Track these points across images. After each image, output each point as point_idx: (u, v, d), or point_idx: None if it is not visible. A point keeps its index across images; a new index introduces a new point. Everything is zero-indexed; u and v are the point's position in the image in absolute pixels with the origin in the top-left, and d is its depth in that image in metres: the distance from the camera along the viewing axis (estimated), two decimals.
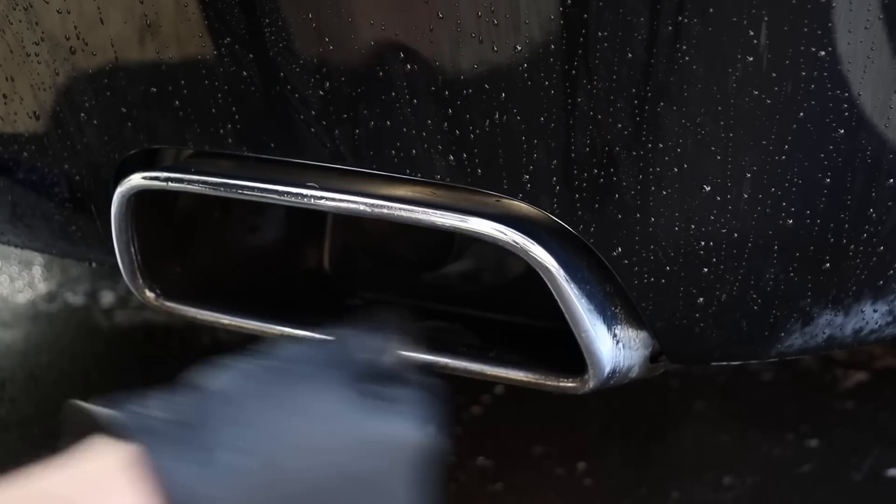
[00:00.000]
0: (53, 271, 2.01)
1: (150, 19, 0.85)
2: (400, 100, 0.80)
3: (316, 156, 0.85)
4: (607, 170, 0.78)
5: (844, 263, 0.83)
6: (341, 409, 0.75)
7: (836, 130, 0.76)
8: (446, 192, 0.83)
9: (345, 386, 0.77)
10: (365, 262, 1.14)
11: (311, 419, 0.74)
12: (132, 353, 1.72)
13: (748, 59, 0.73)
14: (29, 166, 1.00)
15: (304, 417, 0.74)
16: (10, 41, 0.92)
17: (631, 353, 0.86)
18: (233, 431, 0.70)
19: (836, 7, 0.72)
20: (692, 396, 1.50)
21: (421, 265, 1.10)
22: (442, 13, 0.76)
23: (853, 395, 1.51)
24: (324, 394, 0.76)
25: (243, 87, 0.84)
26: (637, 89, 0.74)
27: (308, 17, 0.80)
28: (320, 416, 0.74)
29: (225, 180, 0.88)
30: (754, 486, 1.30)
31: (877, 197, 0.80)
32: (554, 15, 0.74)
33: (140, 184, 0.91)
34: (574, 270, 0.81)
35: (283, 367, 0.78)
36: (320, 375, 0.78)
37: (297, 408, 0.74)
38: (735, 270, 0.81)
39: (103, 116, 0.92)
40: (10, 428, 1.47)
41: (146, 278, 0.98)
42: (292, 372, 0.78)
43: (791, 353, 0.88)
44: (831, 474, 1.32)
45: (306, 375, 0.77)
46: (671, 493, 1.28)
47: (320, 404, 0.75)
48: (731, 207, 0.78)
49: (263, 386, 0.75)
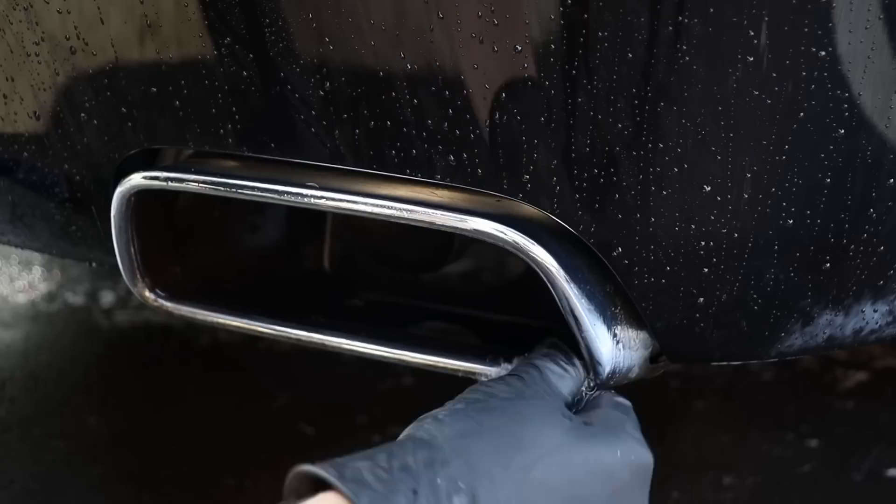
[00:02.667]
0: (53, 271, 2.01)
1: (150, 19, 0.85)
2: (400, 100, 0.80)
3: (316, 156, 0.85)
4: (607, 170, 0.78)
5: (844, 263, 0.83)
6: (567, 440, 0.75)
7: (836, 130, 0.76)
8: (446, 192, 0.83)
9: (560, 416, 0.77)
10: (365, 263, 1.14)
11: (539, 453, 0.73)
12: (132, 353, 1.73)
13: (748, 59, 0.73)
14: (29, 166, 1.00)
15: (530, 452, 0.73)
16: (10, 41, 0.92)
17: (631, 354, 0.86)
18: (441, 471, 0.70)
19: (836, 7, 0.72)
20: (692, 396, 1.50)
21: (421, 265, 1.10)
22: (442, 13, 0.76)
23: (853, 395, 1.51)
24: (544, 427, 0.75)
25: (243, 87, 0.84)
26: (637, 89, 0.74)
27: (308, 17, 0.80)
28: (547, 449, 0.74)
29: (225, 180, 0.88)
30: (754, 486, 1.30)
31: (877, 197, 0.80)
32: (554, 15, 0.74)
33: (140, 183, 0.91)
34: (574, 270, 0.81)
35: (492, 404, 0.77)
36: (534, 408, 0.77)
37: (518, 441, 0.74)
38: (735, 270, 0.81)
39: (103, 116, 0.92)
40: (11, 428, 1.47)
41: (146, 278, 0.98)
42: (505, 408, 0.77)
43: (791, 353, 0.88)
44: (831, 474, 1.33)
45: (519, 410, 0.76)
46: (671, 493, 1.29)
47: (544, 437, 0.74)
48: (731, 207, 0.78)
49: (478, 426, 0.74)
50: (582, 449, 0.75)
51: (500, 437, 0.73)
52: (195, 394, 1.55)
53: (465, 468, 0.70)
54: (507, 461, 0.72)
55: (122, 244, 0.95)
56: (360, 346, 0.94)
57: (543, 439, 0.74)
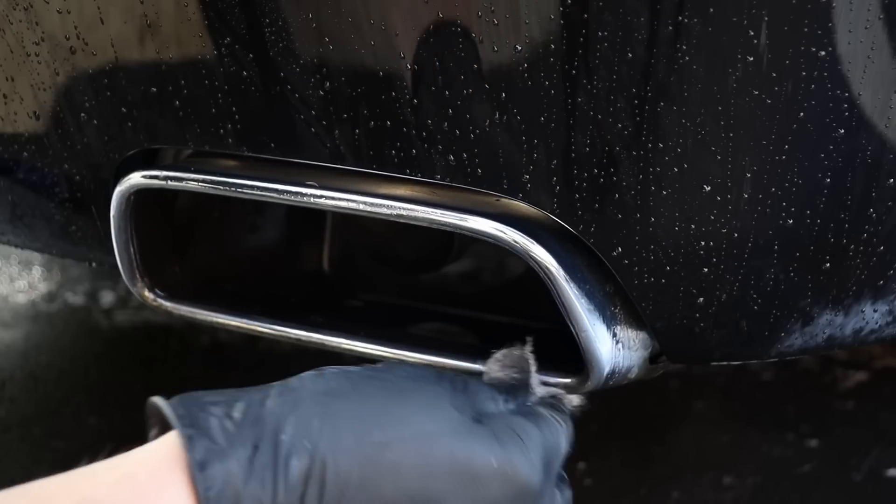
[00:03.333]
0: (53, 271, 2.01)
1: (150, 19, 0.85)
2: (400, 100, 0.80)
3: (316, 156, 0.85)
4: (607, 170, 0.78)
5: (844, 263, 0.83)
6: (439, 430, 0.69)
7: (836, 130, 0.76)
8: (446, 191, 0.83)
9: (446, 405, 0.71)
10: (365, 263, 1.14)
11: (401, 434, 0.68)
12: (132, 353, 1.72)
13: (748, 59, 0.73)
14: (29, 166, 1.00)
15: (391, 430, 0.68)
16: (10, 41, 0.92)
17: (630, 354, 0.86)
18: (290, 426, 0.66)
19: (836, 7, 0.72)
20: (692, 396, 1.50)
21: (420, 265, 1.10)
22: (442, 13, 0.76)
23: (853, 395, 1.51)
24: (420, 410, 0.70)
25: (243, 87, 0.84)
26: (637, 89, 0.74)
27: (308, 17, 0.80)
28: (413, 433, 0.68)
29: (224, 179, 0.88)
30: (754, 486, 1.30)
31: (877, 197, 0.80)
32: (554, 15, 0.74)
33: (139, 182, 0.91)
34: (574, 270, 0.81)
35: (382, 377, 0.72)
36: (419, 391, 0.72)
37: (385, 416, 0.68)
38: (735, 270, 0.81)
39: (103, 116, 0.92)
40: (11, 428, 1.47)
41: (145, 278, 0.98)
42: (391, 382, 0.72)
43: (791, 353, 0.88)
44: (831, 474, 1.32)
45: (408, 388, 0.71)
46: (671, 493, 1.28)
47: (414, 420, 0.69)
48: (731, 207, 0.78)
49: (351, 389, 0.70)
50: (452, 444, 0.68)
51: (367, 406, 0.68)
52: None
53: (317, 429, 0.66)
54: (364, 433, 0.66)
55: (121, 244, 0.95)
56: (360, 346, 0.94)
57: (413, 422, 0.68)
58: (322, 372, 0.73)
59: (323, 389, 0.70)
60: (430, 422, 0.69)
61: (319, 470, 0.66)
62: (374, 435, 0.67)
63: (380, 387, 0.71)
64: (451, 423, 0.70)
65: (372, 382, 0.71)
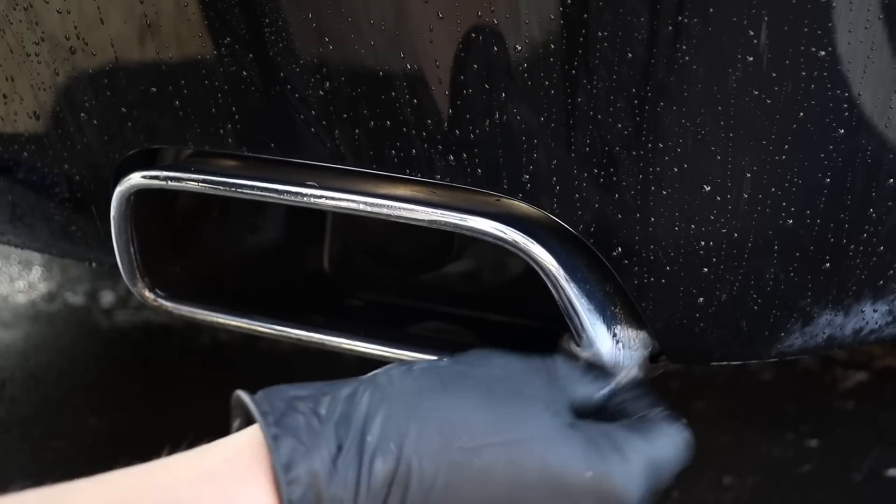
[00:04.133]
0: (53, 271, 2.01)
1: (150, 19, 0.85)
2: (400, 100, 0.80)
3: (316, 156, 0.85)
4: (607, 170, 0.78)
5: (844, 263, 0.83)
6: (534, 437, 0.65)
7: (836, 130, 0.76)
8: (446, 191, 0.83)
9: (541, 408, 0.67)
10: (364, 263, 1.14)
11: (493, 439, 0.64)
12: (132, 353, 1.72)
13: (748, 59, 0.73)
14: (29, 166, 1.00)
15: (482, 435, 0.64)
16: (10, 41, 0.92)
17: (631, 353, 0.86)
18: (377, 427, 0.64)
19: (836, 7, 0.72)
20: (692, 396, 1.50)
21: (420, 265, 1.10)
22: (442, 13, 0.76)
23: (853, 395, 1.51)
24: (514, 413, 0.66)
25: (243, 87, 0.84)
26: (637, 89, 0.74)
27: (308, 17, 0.80)
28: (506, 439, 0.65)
29: (224, 179, 0.88)
30: (754, 486, 1.30)
31: (877, 197, 0.80)
32: (554, 15, 0.74)
33: (139, 183, 0.91)
34: (574, 270, 0.81)
35: (474, 375, 0.68)
36: (513, 391, 0.68)
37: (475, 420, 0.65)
38: (735, 270, 0.81)
39: (103, 116, 0.92)
40: (11, 428, 1.47)
41: (145, 278, 0.98)
42: (483, 381, 0.68)
43: (791, 353, 0.88)
44: (831, 474, 1.32)
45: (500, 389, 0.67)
46: (671, 493, 1.28)
47: (509, 423, 0.65)
48: (731, 207, 0.78)
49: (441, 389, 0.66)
50: (545, 452, 0.65)
51: (457, 408, 0.65)
52: (195, 393, 1.55)
53: (404, 430, 0.64)
54: (452, 437, 0.64)
55: (121, 244, 0.95)
56: (360, 345, 0.94)
57: (504, 427, 0.65)
58: (411, 368, 0.69)
59: (412, 388, 0.67)
60: (522, 427, 0.66)
61: (404, 473, 0.63)
62: (463, 440, 0.64)
63: (472, 386, 0.68)
64: (544, 429, 0.66)
65: (463, 381, 0.68)
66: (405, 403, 0.65)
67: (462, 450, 0.64)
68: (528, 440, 0.65)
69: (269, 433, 0.64)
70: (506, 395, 0.67)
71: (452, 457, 0.64)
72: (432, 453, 0.64)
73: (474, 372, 0.69)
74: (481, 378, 0.69)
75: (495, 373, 0.69)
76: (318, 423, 0.64)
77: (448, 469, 0.64)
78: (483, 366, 0.70)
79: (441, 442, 0.64)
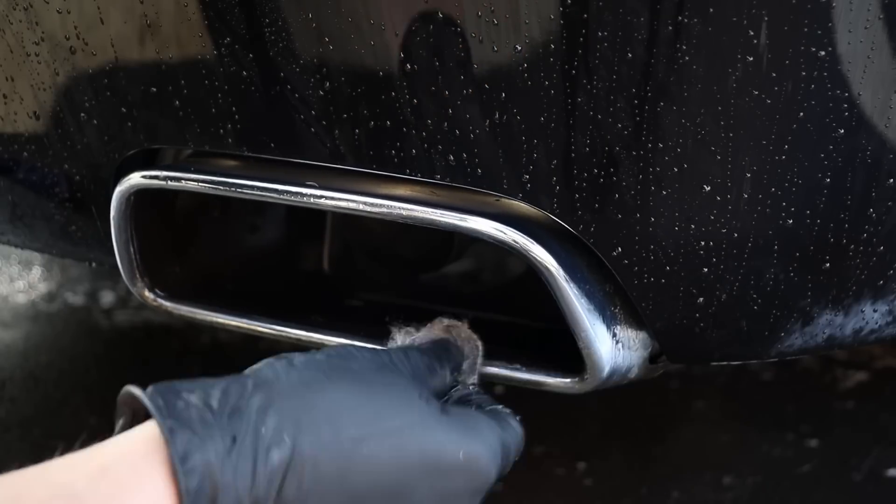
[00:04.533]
0: (53, 271, 2.01)
1: (150, 19, 0.85)
2: (400, 100, 0.80)
3: (316, 156, 0.85)
4: (607, 170, 0.78)
5: (844, 263, 0.83)
6: (412, 422, 0.71)
7: (836, 130, 0.76)
8: (446, 191, 0.83)
9: (416, 397, 0.73)
10: (364, 263, 1.14)
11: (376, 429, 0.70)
12: (132, 353, 1.72)
13: (748, 59, 0.73)
14: (29, 166, 1.00)
15: (367, 426, 0.69)
16: (10, 41, 0.92)
17: (630, 354, 0.86)
18: (270, 420, 0.67)
19: (836, 7, 0.72)
20: (692, 396, 1.50)
21: (420, 265, 1.10)
22: (442, 13, 0.76)
23: (853, 395, 1.51)
24: (392, 403, 0.72)
25: (243, 87, 0.84)
26: (637, 89, 0.74)
27: (308, 17, 0.80)
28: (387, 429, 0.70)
29: (224, 179, 0.88)
30: (754, 486, 1.30)
31: (877, 197, 0.80)
32: (554, 15, 0.74)
33: (139, 183, 0.91)
34: (574, 270, 0.81)
35: (350, 368, 0.73)
36: (390, 382, 0.74)
37: (359, 411, 0.70)
38: (735, 270, 0.81)
39: (103, 116, 0.92)
40: (11, 428, 1.47)
41: (145, 278, 0.98)
42: (360, 374, 0.73)
43: (791, 353, 0.88)
44: (831, 474, 1.32)
45: (377, 381, 0.73)
46: (671, 493, 1.28)
47: (389, 412, 0.71)
48: (731, 207, 0.78)
49: (326, 382, 0.71)
50: (423, 438, 0.71)
51: (344, 399, 0.70)
52: None
53: (297, 422, 0.67)
54: (341, 427, 0.68)
55: (121, 244, 0.95)
56: (361, 345, 0.94)
57: (385, 417, 0.70)
58: (292, 362, 0.73)
59: (299, 381, 0.71)
60: (402, 415, 0.71)
61: (299, 463, 0.67)
62: (351, 430, 0.69)
63: (351, 379, 0.72)
64: (421, 415, 0.72)
65: (343, 374, 0.73)
66: (295, 396, 0.69)
67: (351, 439, 0.69)
68: (408, 427, 0.71)
69: (165, 425, 0.65)
70: (383, 386, 0.73)
71: (342, 445, 0.68)
72: (325, 444, 0.68)
73: (350, 365, 0.74)
74: (358, 371, 0.74)
75: (367, 366, 0.75)
76: (210, 415, 0.67)
77: (338, 457, 0.68)
78: (355, 359, 0.75)
79: (331, 432, 0.68)
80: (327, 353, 0.75)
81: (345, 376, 0.72)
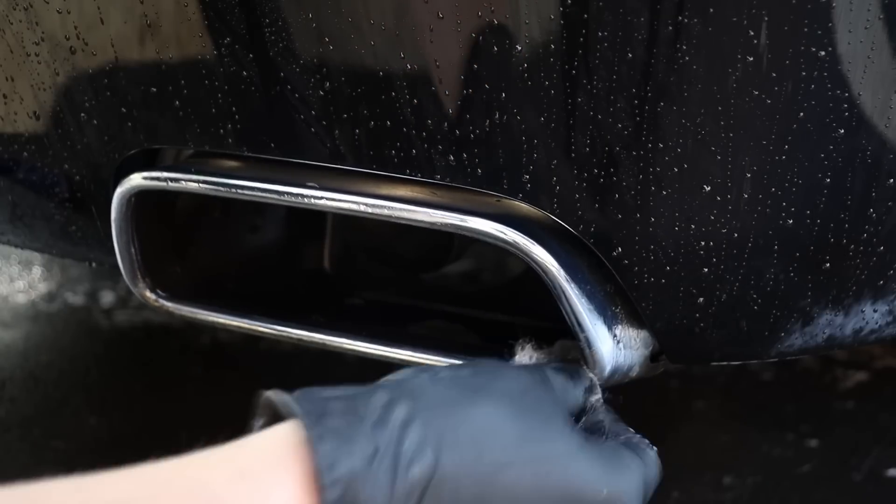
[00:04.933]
0: (53, 271, 2.01)
1: (150, 19, 0.85)
2: (400, 100, 0.80)
3: (316, 156, 0.85)
4: (607, 170, 0.78)
5: (844, 263, 0.83)
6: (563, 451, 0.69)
7: (836, 130, 0.76)
8: (446, 192, 0.83)
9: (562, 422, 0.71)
10: (365, 262, 1.14)
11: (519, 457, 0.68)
12: (132, 353, 1.72)
13: (748, 59, 0.73)
14: (29, 166, 1.00)
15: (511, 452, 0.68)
16: (10, 41, 0.92)
17: (631, 353, 0.86)
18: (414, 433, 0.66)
19: (836, 7, 0.72)
20: (692, 396, 1.50)
21: (421, 265, 1.10)
22: (441, 13, 0.76)
23: (853, 395, 1.51)
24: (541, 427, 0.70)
25: (243, 87, 0.84)
26: (637, 89, 0.74)
27: (308, 17, 0.80)
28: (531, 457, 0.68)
29: (225, 180, 0.88)
30: (754, 486, 1.30)
31: (877, 197, 0.80)
32: (554, 15, 0.74)
33: (140, 184, 0.91)
34: (574, 270, 0.81)
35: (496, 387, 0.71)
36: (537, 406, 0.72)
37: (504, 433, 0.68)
38: (735, 270, 0.81)
39: (103, 116, 0.92)
40: (11, 428, 1.47)
41: (146, 278, 0.98)
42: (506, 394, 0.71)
43: (791, 353, 0.88)
44: (831, 474, 1.32)
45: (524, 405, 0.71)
46: (671, 493, 1.28)
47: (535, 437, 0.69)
48: (731, 207, 0.78)
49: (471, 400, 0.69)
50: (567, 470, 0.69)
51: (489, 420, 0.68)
52: (195, 393, 1.55)
53: (440, 438, 0.66)
54: (485, 450, 0.67)
55: (122, 244, 0.95)
56: (361, 345, 0.94)
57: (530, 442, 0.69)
58: (437, 375, 0.72)
59: (445, 398, 0.69)
60: (546, 442, 0.69)
61: (440, 481, 0.65)
62: (495, 453, 0.67)
63: (497, 398, 0.70)
64: (566, 445, 0.70)
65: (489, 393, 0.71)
66: (440, 411, 0.68)
67: (494, 463, 0.67)
68: (553, 457, 0.69)
69: (314, 433, 0.64)
70: (528, 409, 0.71)
71: (484, 469, 0.66)
72: (466, 464, 0.66)
73: (496, 384, 0.72)
74: (504, 390, 0.71)
75: (513, 385, 0.72)
76: (356, 424, 0.66)
77: (480, 481, 0.66)
78: (501, 377, 0.73)
79: (474, 454, 0.67)
80: (474, 368, 0.74)
81: (491, 395, 0.70)
